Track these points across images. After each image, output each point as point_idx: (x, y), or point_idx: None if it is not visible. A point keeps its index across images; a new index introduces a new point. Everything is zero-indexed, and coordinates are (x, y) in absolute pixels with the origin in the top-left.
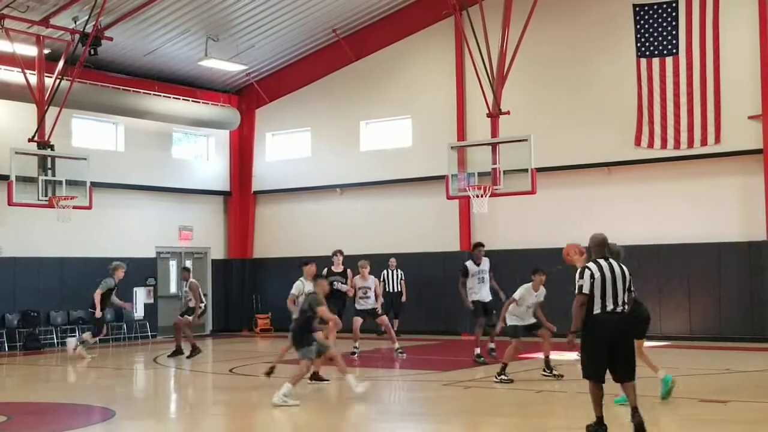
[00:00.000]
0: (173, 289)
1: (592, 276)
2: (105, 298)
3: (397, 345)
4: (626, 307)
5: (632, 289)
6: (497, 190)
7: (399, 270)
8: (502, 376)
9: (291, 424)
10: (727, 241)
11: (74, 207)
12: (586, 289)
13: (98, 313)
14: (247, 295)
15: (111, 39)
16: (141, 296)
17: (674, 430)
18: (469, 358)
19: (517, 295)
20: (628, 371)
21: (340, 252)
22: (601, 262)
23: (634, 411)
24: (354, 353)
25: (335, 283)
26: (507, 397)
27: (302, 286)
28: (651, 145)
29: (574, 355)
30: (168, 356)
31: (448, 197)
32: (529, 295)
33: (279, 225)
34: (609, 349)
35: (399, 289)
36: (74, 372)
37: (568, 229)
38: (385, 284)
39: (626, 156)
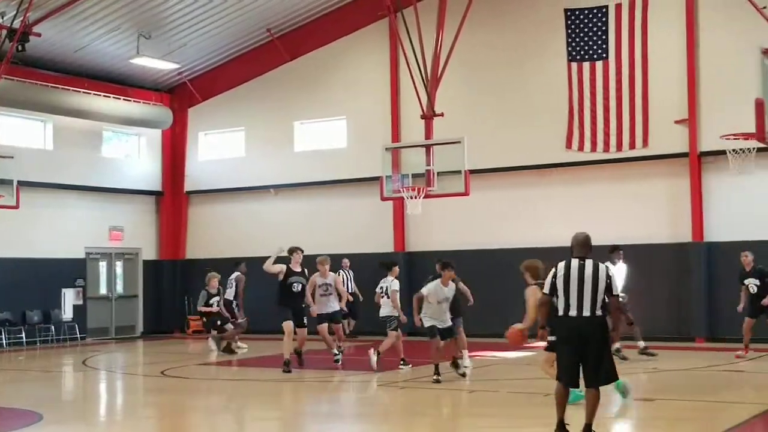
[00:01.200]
0: (103, 290)
1: (554, 275)
2: None
3: (336, 351)
4: (597, 311)
5: (616, 293)
6: (431, 192)
7: (351, 270)
8: (436, 376)
9: (224, 425)
10: (655, 242)
11: (0, 206)
12: (546, 289)
13: None
14: (179, 297)
15: (39, 35)
16: (70, 297)
17: (602, 428)
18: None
19: (424, 290)
20: (591, 378)
21: (300, 250)
22: (573, 261)
23: (586, 429)
24: (337, 360)
25: (294, 284)
26: (440, 397)
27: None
28: (582, 148)
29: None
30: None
31: (383, 198)
32: (439, 290)
33: (212, 225)
34: (576, 353)
35: (354, 290)
36: None
37: (501, 230)
38: None
39: (558, 158)
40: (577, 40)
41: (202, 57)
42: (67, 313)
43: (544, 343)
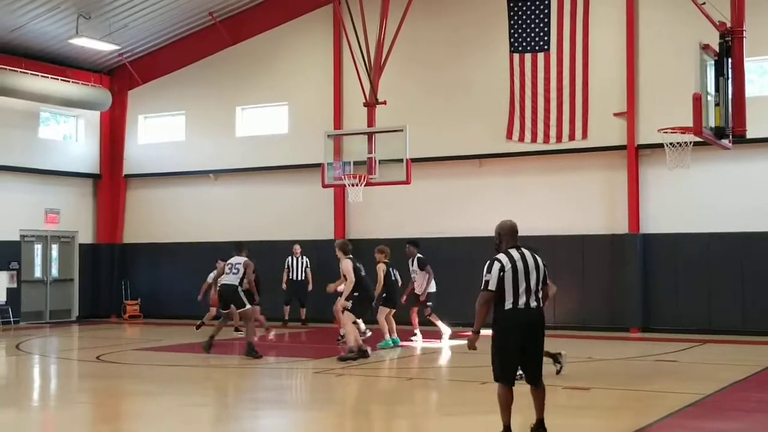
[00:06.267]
0: (38, 273)
1: (501, 269)
2: None
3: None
4: (540, 302)
5: (547, 282)
6: (372, 180)
7: (304, 257)
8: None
9: (159, 411)
10: (591, 233)
11: None
12: (492, 285)
13: None
14: (116, 281)
15: None
16: (3, 280)
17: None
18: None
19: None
20: (537, 372)
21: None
22: (512, 252)
23: (539, 424)
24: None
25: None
26: (377, 384)
27: None
28: (522, 138)
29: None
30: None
31: (324, 185)
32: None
33: (151, 210)
34: (520, 349)
35: (303, 277)
36: None
37: (441, 218)
38: (288, 272)
39: (498, 149)
40: (520, 30)
41: (143, 39)
42: (1, 296)
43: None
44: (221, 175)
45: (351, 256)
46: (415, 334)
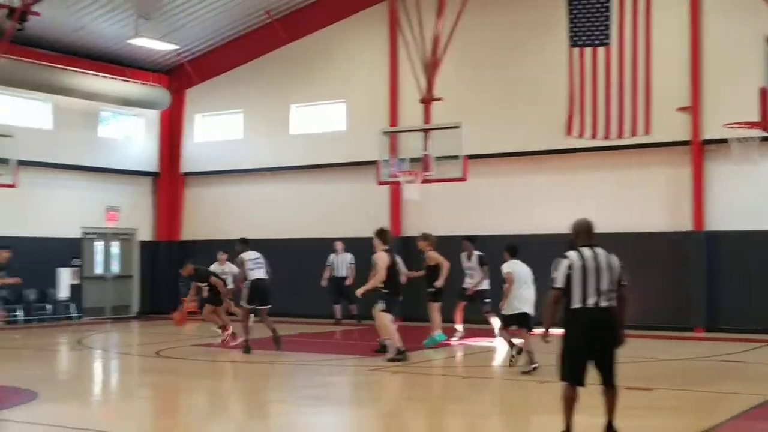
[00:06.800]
0: (99, 270)
1: (570, 267)
2: None
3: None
4: (612, 302)
5: (624, 282)
6: (428, 177)
7: (347, 254)
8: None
9: (216, 406)
10: (654, 231)
11: None
12: (558, 283)
13: None
14: (175, 278)
15: (38, 14)
16: (65, 277)
17: (600, 416)
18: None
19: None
20: (608, 373)
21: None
22: (585, 250)
23: (609, 427)
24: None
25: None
26: (433, 382)
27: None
28: (581, 134)
29: None
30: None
31: (379, 182)
32: None
33: (208, 207)
34: (589, 349)
35: (346, 274)
36: None
37: (497, 216)
38: (331, 269)
39: (557, 145)
40: (579, 25)
41: (201, 38)
42: (63, 293)
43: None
44: (276, 172)
45: (388, 247)
46: (456, 331)
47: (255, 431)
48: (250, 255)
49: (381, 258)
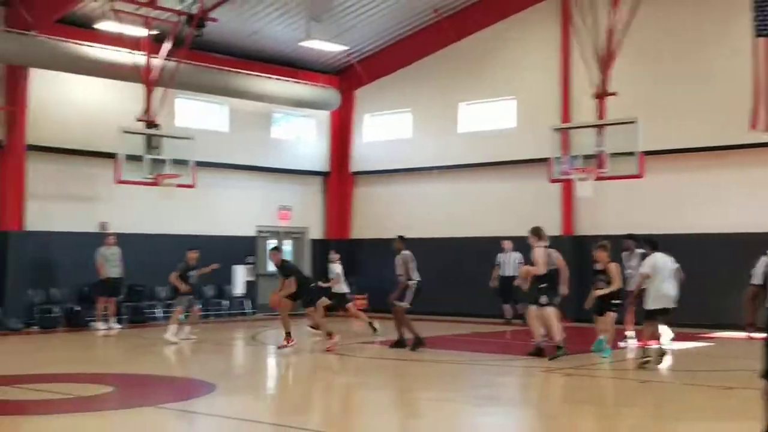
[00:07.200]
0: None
1: (767, 264)
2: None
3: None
4: None
5: None
6: (602, 174)
7: (516, 252)
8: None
9: (383, 403)
10: None
11: (178, 185)
12: (754, 279)
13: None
14: (345, 276)
15: (216, 20)
16: (240, 274)
17: None
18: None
19: None
20: None
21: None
22: None
23: None
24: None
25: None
26: (609, 385)
27: None
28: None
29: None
30: (390, 347)
31: (551, 180)
32: None
33: (377, 206)
34: None
35: (514, 273)
36: (177, 346)
37: (675, 214)
38: (499, 268)
39: (740, 140)
40: (765, 12)
41: (370, 38)
42: (239, 289)
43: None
44: (445, 171)
45: (546, 243)
46: (627, 336)
47: (420, 429)
48: (411, 255)
49: (538, 254)
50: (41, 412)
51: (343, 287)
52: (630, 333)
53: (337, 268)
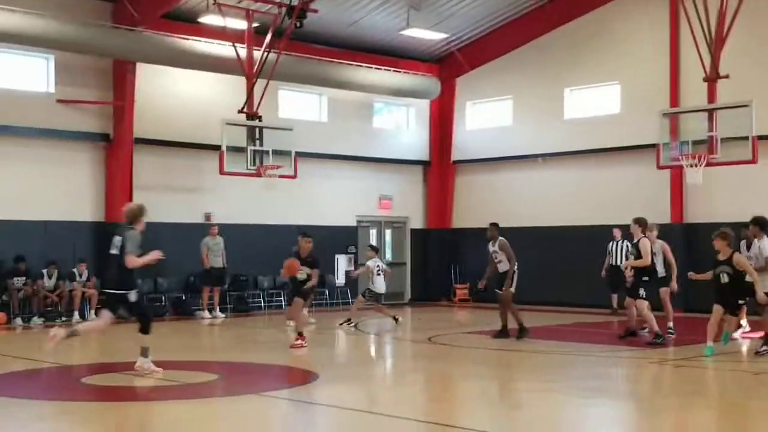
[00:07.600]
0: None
1: None
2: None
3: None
4: None
5: None
6: (714, 160)
7: (625, 242)
8: None
9: (487, 393)
10: None
11: (280, 176)
12: None
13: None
14: (446, 265)
15: (316, 11)
16: (342, 263)
17: None
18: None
19: None
20: None
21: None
22: None
23: None
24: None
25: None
26: (723, 378)
27: None
28: None
29: None
30: (493, 337)
31: (659, 167)
32: None
33: (478, 195)
34: None
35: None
36: (279, 335)
37: None
38: (609, 257)
39: None
40: None
41: (471, 26)
42: (340, 279)
43: None
44: (548, 158)
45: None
46: (741, 326)
47: (524, 421)
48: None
49: (645, 244)
50: (150, 399)
51: (378, 286)
52: (743, 322)
53: (372, 263)
